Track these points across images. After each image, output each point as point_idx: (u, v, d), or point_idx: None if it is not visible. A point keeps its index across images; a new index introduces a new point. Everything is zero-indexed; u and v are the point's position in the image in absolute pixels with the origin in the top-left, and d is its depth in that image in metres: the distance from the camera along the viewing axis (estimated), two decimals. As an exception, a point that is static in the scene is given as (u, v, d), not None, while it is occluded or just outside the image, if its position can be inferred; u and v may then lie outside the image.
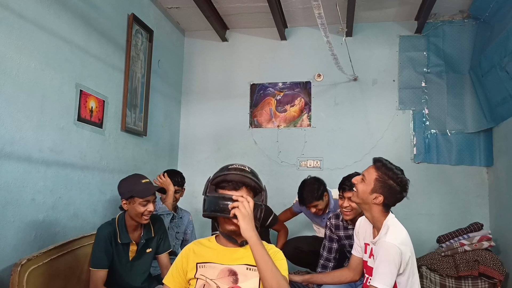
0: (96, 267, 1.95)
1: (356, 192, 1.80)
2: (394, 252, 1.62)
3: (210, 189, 1.44)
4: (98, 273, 1.94)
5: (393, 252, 1.62)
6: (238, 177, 1.40)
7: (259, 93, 3.98)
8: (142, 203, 1.98)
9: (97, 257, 1.96)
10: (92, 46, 2.57)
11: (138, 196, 1.97)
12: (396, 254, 1.62)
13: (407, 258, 1.66)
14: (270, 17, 3.58)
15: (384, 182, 1.72)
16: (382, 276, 1.61)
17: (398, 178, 1.72)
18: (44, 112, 2.14)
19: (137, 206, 1.97)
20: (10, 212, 1.92)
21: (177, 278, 1.46)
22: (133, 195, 1.97)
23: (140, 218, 2.00)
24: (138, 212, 1.98)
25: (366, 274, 1.85)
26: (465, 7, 3.52)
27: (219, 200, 1.37)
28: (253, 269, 1.41)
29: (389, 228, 1.69)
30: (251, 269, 1.41)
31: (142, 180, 2.04)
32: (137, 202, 1.97)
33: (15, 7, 1.93)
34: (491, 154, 3.44)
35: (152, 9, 3.43)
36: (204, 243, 1.51)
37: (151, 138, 3.43)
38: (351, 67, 3.53)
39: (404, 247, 1.66)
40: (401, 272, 1.66)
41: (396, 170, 1.74)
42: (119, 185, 2.06)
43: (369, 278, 1.77)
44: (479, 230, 3.14)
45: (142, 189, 1.99)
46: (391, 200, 1.74)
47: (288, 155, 3.84)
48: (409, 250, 1.69)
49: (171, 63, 3.86)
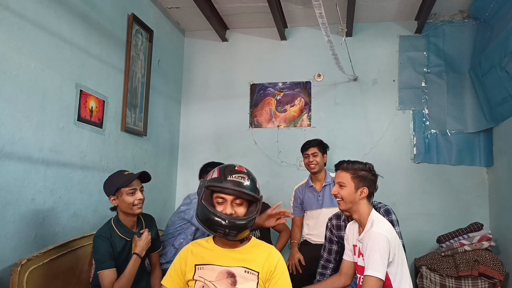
0: (103, 268, 1.91)
1: (342, 200, 1.87)
2: (382, 240, 1.70)
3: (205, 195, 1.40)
4: (106, 273, 1.90)
5: (381, 240, 1.70)
6: (235, 193, 1.37)
7: (259, 93, 3.98)
8: (129, 192, 1.96)
9: (101, 259, 1.92)
10: (92, 46, 2.57)
11: (123, 186, 1.95)
12: (384, 241, 1.70)
13: (394, 245, 1.73)
14: (270, 17, 3.58)
15: (358, 175, 1.86)
16: (375, 264, 1.67)
17: (365, 166, 1.89)
18: (44, 112, 2.14)
19: (125, 197, 1.96)
20: (10, 212, 1.91)
21: (175, 279, 1.46)
22: (118, 187, 1.96)
23: (132, 209, 1.99)
24: (128, 203, 1.97)
25: (358, 274, 1.87)
26: (465, 7, 3.52)
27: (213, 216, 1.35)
28: (251, 272, 1.40)
29: (374, 221, 1.79)
30: (250, 272, 1.40)
31: (124, 173, 2.04)
32: (124, 193, 1.96)
33: (15, 7, 1.93)
34: (491, 154, 3.44)
35: (152, 9, 3.43)
36: (202, 244, 1.50)
37: (151, 138, 3.43)
38: (351, 67, 3.54)
39: (390, 235, 1.75)
40: (390, 260, 1.72)
41: (358, 162, 1.90)
42: (104, 186, 2.05)
43: (361, 278, 1.80)
44: (479, 230, 3.15)
45: (125, 179, 1.98)
46: (372, 186, 1.89)
47: (288, 155, 3.84)
48: (395, 237, 1.78)
49: (171, 63, 3.86)
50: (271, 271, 1.42)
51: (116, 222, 2.03)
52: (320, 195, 2.94)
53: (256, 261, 1.42)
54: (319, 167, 2.92)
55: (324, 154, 2.98)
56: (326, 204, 2.90)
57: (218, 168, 1.44)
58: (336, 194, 1.88)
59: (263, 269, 1.42)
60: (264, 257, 1.44)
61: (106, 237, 1.95)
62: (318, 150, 2.93)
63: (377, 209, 2.29)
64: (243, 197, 1.39)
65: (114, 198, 1.99)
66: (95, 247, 1.96)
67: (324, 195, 2.93)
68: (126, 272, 1.93)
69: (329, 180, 2.93)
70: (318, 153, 2.93)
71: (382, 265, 1.67)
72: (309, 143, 2.97)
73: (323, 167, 2.98)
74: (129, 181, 1.98)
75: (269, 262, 1.43)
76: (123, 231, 2.02)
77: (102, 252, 1.92)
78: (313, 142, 2.98)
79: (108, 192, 2.01)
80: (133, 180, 1.99)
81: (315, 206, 2.94)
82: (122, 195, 1.97)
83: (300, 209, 3.07)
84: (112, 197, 1.99)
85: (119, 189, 1.96)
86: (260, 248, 1.48)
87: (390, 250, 1.70)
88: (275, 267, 1.43)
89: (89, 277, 2.19)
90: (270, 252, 1.46)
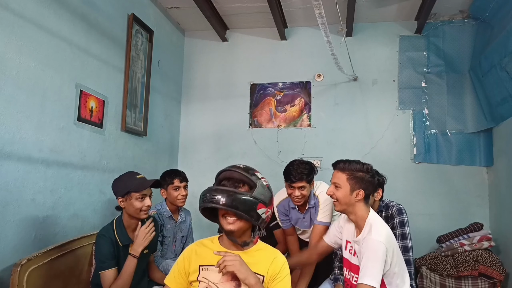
0: (104, 269, 1.91)
1: (337, 201, 1.83)
2: (380, 249, 1.67)
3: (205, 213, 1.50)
4: (108, 273, 1.90)
5: (379, 249, 1.67)
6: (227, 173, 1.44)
7: (259, 93, 3.98)
8: (139, 198, 1.96)
9: (102, 260, 1.92)
10: (92, 46, 2.57)
11: (134, 191, 1.94)
12: (382, 251, 1.67)
13: (391, 253, 1.71)
14: (270, 17, 3.58)
15: (355, 177, 1.78)
16: (371, 273, 1.65)
17: (363, 167, 1.80)
18: (44, 112, 2.13)
19: (134, 201, 1.95)
20: (10, 212, 1.91)
21: (178, 279, 1.46)
22: (129, 191, 1.95)
23: (138, 214, 1.98)
24: (136, 208, 1.96)
25: (352, 272, 1.86)
26: (465, 7, 3.52)
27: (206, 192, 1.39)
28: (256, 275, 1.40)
29: (372, 226, 1.75)
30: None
31: (136, 176, 2.02)
32: (134, 197, 1.95)
33: (15, 7, 1.93)
34: (491, 154, 3.44)
35: (152, 9, 3.43)
36: (206, 244, 1.50)
37: (151, 138, 3.43)
38: (351, 67, 3.53)
39: (389, 243, 1.72)
40: (388, 268, 1.70)
41: (356, 162, 1.82)
42: (113, 184, 2.04)
43: (355, 276, 1.80)
44: (479, 230, 3.15)
45: (137, 184, 1.97)
46: (370, 189, 1.82)
47: (288, 155, 3.83)
48: (393, 245, 1.75)
49: (171, 63, 3.86)
50: (275, 274, 1.43)
51: (118, 225, 2.02)
52: (304, 216, 2.52)
53: (262, 264, 1.43)
54: (305, 199, 2.41)
55: (311, 183, 2.39)
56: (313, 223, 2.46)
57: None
58: (331, 195, 1.85)
59: (268, 272, 1.42)
60: (269, 261, 1.44)
61: (108, 236, 1.96)
62: (306, 183, 2.32)
63: (389, 207, 2.29)
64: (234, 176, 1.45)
65: (123, 200, 1.98)
66: (97, 246, 1.97)
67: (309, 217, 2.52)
68: (122, 273, 1.92)
69: (312, 202, 2.45)
70: (306, 186, 2.33)
71: (378, 274, 1.65)
72: (296, 175, 2.30)
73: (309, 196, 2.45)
74: (143, 188, 1.96)
75: (274, 266, 1.44)
76: (122, 237, 2.00)
77: (103, 252, 1.93)
78: (302, 174, 2.30)
79: (118, 192, 1.99)
80: (147, 187, 1.98)
81: (303, 227, 2.59)
82: (131, 199, 1.96)
83: (289, 222, 2.60)
84: (121, 198, 1.98)
85: (129, 192, 1.95)
86: (265, 252, 1.48)
87: (387, 258, 1.68)
88: (279, 271, 1.44)
89: (89, 277, 2.19)
90: (275, 257, 1.47)
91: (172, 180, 2.55)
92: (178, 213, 2.66)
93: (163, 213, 2.55)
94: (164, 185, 2.56)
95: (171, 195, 2.55)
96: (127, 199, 1.97)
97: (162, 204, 2.60)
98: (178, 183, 2.55)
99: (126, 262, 1.95)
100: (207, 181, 1.51)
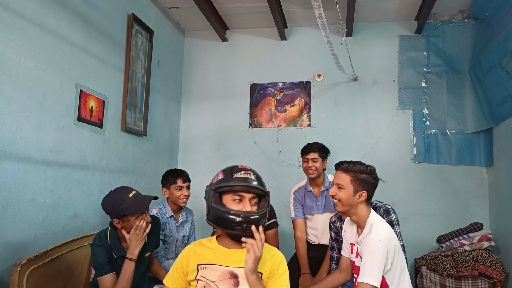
0: (102, 274, 1.88)
1: (340, 201, 1.83)
2: (380, 248, 1.67)
3: (215, 198, 1.40)
4: (106, 278, 1.88)
5: (379, 248, 1.67)
6: (244, 188, 1.38)
7: (259, 93, 3.98)
8: (138, 217, 1.88)
9: (99, 267, 1.89)
10: (92, 46, 2.57)
11: (131, 214, 1.86)
12: (382, 249, 1.67)
13: (392, 253, 1.71)
14: (270, 17, 3.58)
15: (359, 178, 1.80)
16: (370, 272, 1.65)
17: (366, 169, 1.82)
18: (44, 112, 2.13)
19: (133, 222, 1.87)
20: (10, 212, 1.91)
21: (177, 278, 1.46)
22: (125, 214, 1.85)
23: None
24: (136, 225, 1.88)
25: (355, 274, 1.86)
26: (465, 7, 3.52)
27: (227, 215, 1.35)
28: None
29: (373, 226, 1.76)
30: None
31: (129, 195, 1.89)
32: (132, 219, 1.87)
33: (15, 7, 1.93)
34: (491, 154, 3.44)
35: (152, 9, 3.43)
36: (205, 244, 1.50)
37: (151, 138, 3.43)
38: (351, 67, 3.54)
39: (389, 242, 1.71)
40: (389, 268, 1.70)
41: (359, 164, 1.84)
42: (104, 204, 1.91)
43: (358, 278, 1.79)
44: (479, 230, 3.15)
45: (133, 205, 1.87)
46: (372, 191, 1.83)
47: (288, 155, 3.84)
48: (394, 245, 1.74)
49: (171, 63, 3.86)
50: (273, 270, 1.44)
51: (112, 237, 1.95)
52: (319, 200, 2.80)
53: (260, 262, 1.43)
54: (318, 173, 2.74)
55: (324, 160, 2.78)
56: (326, 209, 2.77)
57: (221, 170, 1.45)
58: (334, 196, 1.85)
59: (266, 269, 1.43)
60: (267, 258, 1.44)
61: (103, 245, 1.92)
62: (318, 156, 2.73)
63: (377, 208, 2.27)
64: (251, 191, 1.39)
65: (119, 222, 1.89)
66: (92, 255, 1.94)
67: (323, 200, 2.79)
68: (120, 278, 1.87)
69: (327, 184, 2.78)
70: (318, 159, 2.73)
71: (378, 273, 1.65)
72: (309, 147, 2.78)
73: (322, 172, 2.80)
74: (140, 211, 1.88)
75: (272, 262, 1.44)
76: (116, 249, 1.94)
77: (98, 260, 1.90)
78: (314, 146, 2.77)
79: (112, 215, 1.89)
80: (144, 210, 1.90)
81: (315, 212, 2.81)
82: (129, 221, 1.88)
83: (301, 211, 2.88)
84: (117, 221, 1.88)
85: (126, 215, 1.86)
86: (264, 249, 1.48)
87: (387, 257, 1.68)
88: (277, 267, 1.44)
89: (89, 277, 2.19)
90: (273, 254, 1.47)
91: (175, 180, 2.52)
92: (180, 213, 2.65)
93: (165, 213, 2.55)
94: (166, 184, 2.54)
95: (173, 195, 2.53)
96: (124, 221, 1.89)
97: (164, 204, 2.59)
98: (181, 183, 2.52)
99: (124, 266, 1.88)
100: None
